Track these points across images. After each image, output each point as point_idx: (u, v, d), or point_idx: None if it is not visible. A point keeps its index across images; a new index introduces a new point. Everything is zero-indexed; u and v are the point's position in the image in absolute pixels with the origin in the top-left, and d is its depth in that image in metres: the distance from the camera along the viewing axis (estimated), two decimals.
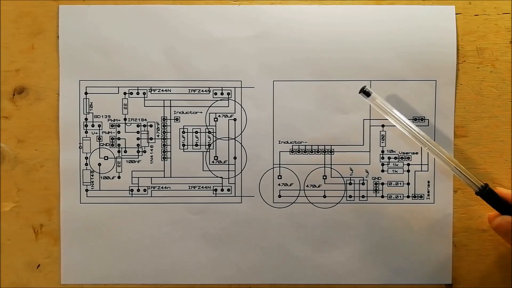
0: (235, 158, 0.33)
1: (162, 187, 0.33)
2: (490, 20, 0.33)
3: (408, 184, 0.33)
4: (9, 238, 0.34)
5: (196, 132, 0.33)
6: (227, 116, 0.33)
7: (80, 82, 0.33)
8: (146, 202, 0.33)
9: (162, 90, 0.33)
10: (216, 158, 0.33)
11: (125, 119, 0.33)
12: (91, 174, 0.33)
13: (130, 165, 0.33)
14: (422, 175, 0.33)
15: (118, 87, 0.33)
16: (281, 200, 0.33)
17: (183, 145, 0.33)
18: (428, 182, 0.33)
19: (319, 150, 0.33)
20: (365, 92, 0.31)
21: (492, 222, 0.30)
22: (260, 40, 0.33)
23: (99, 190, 0.33)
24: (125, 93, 0.33)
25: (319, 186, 0.33)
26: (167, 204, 0.33)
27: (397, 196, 0.33)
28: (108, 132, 0.33)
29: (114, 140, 0.33)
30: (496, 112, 0.33)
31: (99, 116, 0.33)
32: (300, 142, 0.33)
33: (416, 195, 0.33)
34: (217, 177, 0.33)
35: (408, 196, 0.33)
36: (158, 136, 0.33)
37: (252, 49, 0.33)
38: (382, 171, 0.33)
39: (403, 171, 0.33)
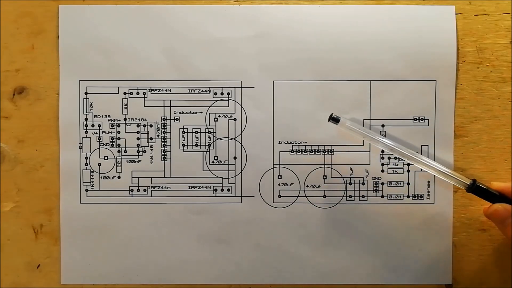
0: (235, 158, 0.33)
1: (162, 187, 0.33)
2: (490, 20, 0.33)
3: (408, 184, 0.33)
4: (9, 238, 0.34)
5: (196, 132, 0.33)
6: (227, 116, 0.33)
7: (80, 82, 0.33)
8: (146, 202, 0.33)
9: (162, 90, 0.33)
10: (216, 158, 0.33)
11: (125, 119, 0.33)
12: (91, 174, 0.33)
13: (130, 165, 0.33)
14: (422, 175, 0.33)
15: (118, 87, 0.33)
16: (281, 200, 0.33)
17: (183, 145, 0.33)
18: (428, 182, 0.33)
19: (319, 150, 0.33)
20: (333, 119, 0.32)
21: (487, 210, 0.30)
22: (260, 40, 0.33)
23: (99, 190, 0.33)
24: (125, 93, 0.33)
25: (319, 186, 0.33)
26: (167, 204, 0.33)
27: (397, 196, 0.33)
28: (108, 132, 0.33)
29: (114, 140, 0.33)
30: (496, 112, 0.33)
31: (99, 116, 0.33)
32: (300, 142, 0.33)
33: (416, 195, 0.33)
34: (217, 177, 0.33)
35: (408, 196, 0.33)
36: (158, 136, 0.33)
37: (252, 49, 0.33)
38: (382, 171, 0.33)
39: (403, 171, 0.33)
